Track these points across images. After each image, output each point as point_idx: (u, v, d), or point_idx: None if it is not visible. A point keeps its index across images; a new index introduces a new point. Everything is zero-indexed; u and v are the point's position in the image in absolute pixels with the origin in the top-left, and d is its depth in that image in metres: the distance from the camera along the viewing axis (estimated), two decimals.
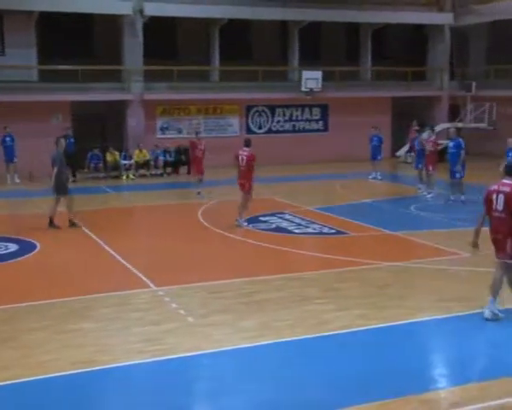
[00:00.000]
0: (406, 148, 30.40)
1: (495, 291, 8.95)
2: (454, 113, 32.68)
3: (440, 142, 29.88)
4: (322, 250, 13.59)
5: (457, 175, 17.98)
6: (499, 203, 8.85)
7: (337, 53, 32.63)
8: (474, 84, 31.25)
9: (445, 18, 32.84)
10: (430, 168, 19.77)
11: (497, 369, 7.51)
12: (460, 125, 31.26)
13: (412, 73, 32.48)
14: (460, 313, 9.22)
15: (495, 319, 8.86)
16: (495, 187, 8.99)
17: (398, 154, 31.23)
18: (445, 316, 9.16)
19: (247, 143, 15.67)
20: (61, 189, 15.38)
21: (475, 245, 9.47)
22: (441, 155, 22.10)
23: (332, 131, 31.12)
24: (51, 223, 15.34)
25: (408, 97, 31.88)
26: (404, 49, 33.54)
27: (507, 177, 9.03)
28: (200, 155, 20.88)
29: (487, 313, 8.88)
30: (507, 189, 8.81)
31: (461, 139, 18.74)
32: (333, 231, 15.12)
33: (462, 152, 18.04)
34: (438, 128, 30.63)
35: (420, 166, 20.74)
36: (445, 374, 7.51)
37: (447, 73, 33.51)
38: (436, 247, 13.42)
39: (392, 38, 33.89)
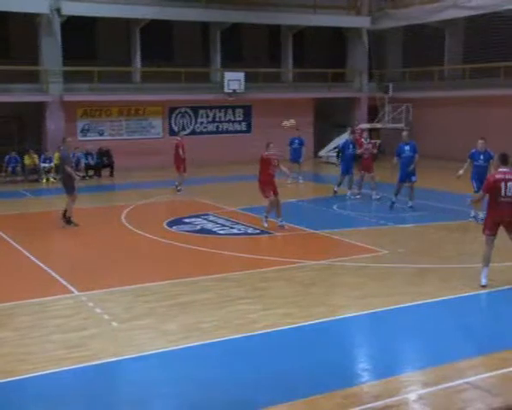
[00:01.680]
0: (331, 147, 31.02)
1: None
2: (373, 113, 33.50)
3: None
4: (247, 251, 13.64)
5: (413, 178, 17.60)
6: (509, 189, 10.05)
7: (259, 54, 32.90)
8: (391, 85, 32.15)
9: (362, 21, 33.64)
10: (371, 171, 19.83)
11: (416, 362, 7.77)
12: (379, 125, 32.10)
13: (333, 74, 33.11)
14: (380, 309, 9.45)
15: None
16: (500, 176, 10.15)
17: (320, 154, 31.74)
18: (366, 312, 9.37)
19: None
20: None
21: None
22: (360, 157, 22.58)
23: (255, 131, 31.31)
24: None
25: (329, 98, 32.50)
26: (324, 52, 34.17)
27: (503, 166, 10.26)
28: (180, 153, 21.49)
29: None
30: None
31: (414, 142, 18.81)
32: (257, 231, 15.20)
33: (417, 155, 17.72)
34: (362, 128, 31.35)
35: (351, 170, 20.17)
36: (368, 369, 7.67)
37: (366, 75, 34.33)
38: (358, 245, 13.71)
39: (313, 41, 34.43)
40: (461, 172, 15.52)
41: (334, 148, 29.31)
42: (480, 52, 29.22)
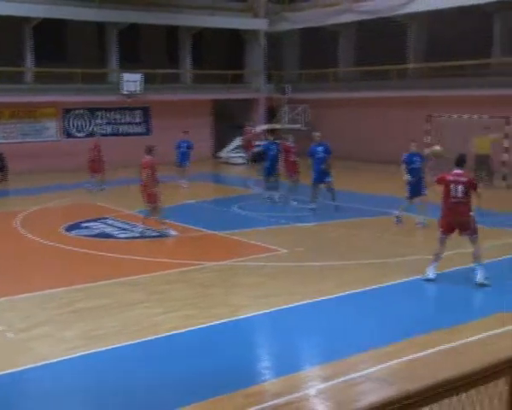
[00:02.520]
0: (231, 147, 31.21)
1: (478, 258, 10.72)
2: (272, 114, 33.98)
3: (258, 143, 31.00)
4: (147, 253, 13.49)
5: (328, 179, 17.66)
6: (458, 191, 10.48)
7: (158, 55, 32.61)
8: (288, 87, 32.72)
9: (259, 24, 34.04)
10: (294, 175, 19.55)
11: (315, 358, 7.96)
12: (277, 126, 32.58)
13: (231, 76, 33.31)
14: (280, 308, 9.60)
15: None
16: (451, 178, 10.57)
17: (220, 155, 31.85)
18: (267, 311, 9.48)
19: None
20: None
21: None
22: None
23: (155, 133, 30.98)
24: None
25: (228, 100, 32.67)
26: (223, 53, 34.33)
27: (457, 168, 10.65)
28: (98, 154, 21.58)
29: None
30: (464, 179, 10.56)
31: (327, 143, 19.03)
32: (156, 233, 15.07)
33: (330, 156, 17.82)
34: (257, 129, 31.73)
35: (275, 171, 19.70)
36: (269, 367, 7.78)
37: (264, 77, 34.77)
38: (258, 245, 13.86)
39: (212, 42, 34.51)
40: (405, 177, 15.44)
41: (253, 148, 29.54)
42: (373, 55, 30.27)
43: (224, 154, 31.68)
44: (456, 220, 10.67)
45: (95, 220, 16.55)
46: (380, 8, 29.27)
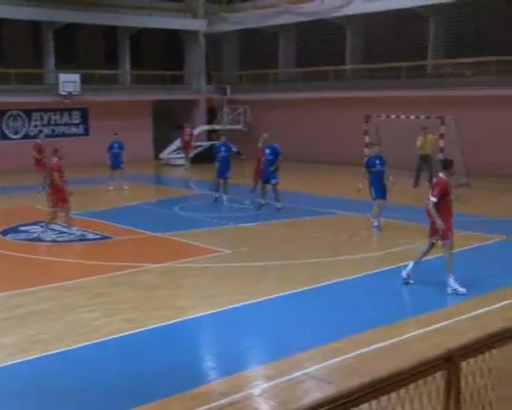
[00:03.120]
0: (172, 149, 31.08)
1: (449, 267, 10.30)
2: (212, 115, 33.97)
3: (201, 143, 31.04)
4: (88, 257, 13.32)
5: (273, 181, 17.68)
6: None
7: (95, 56, 32.17)
8: (228, 88, 32.78)
9: (198, 25, 34.00)
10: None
11: (259, 357, 8.04)
12: (218, 127, 32.61)
13: (171, 76, 33.15)
14: (225, 308, 9.65)
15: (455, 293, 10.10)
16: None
17: (161, 156, 31.65)
18: (211, 312, 9.51)
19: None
20: None
21: None
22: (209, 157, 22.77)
23: (93, 134, 30.55)
24: None
25: (169, 100, 32.50)
26: (162, 54, 34.13)
27: (443, 171, 10.32)
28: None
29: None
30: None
31: (276, 145, 19.09)
32: (98, 236, 14.89)
33: (280, 157, 17.83)
34: (197, 130, 31.72)
35: (226, 174, 19.44)
36: (214, 367, 7.82)
37: (204, 78, 34.73)
38: (201, 246, 13.86)
39: (151, 43, 34.27)
40: (360, 185, 15.56)
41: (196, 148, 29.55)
42: (312, 56, 30.67)
43: (164, 155, 31.49)
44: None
45: (33, 224, 16.20)
46: (318, 10, 29.66)
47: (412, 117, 23.43)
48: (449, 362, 3.71)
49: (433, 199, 10.09)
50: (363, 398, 3.31)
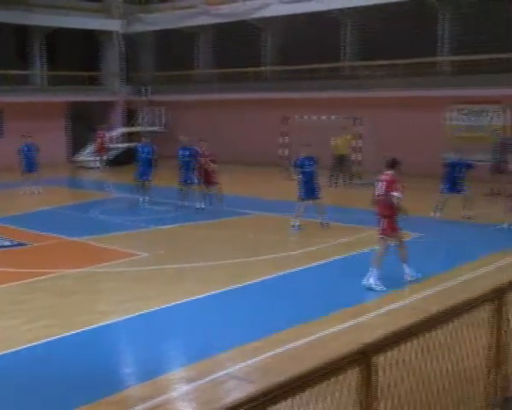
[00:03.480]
0: (88, 151, 30.50)
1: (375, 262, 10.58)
2: (131, 116, 33.57)
3: (118, 146, 30.64)
4: (3, 264, 12.87)
5: (196, 181, 17.63)
6: (380, 189, 10.65)
7: (7, 56, 31.14)
8: (147, 89, 32.47)
9: (115, 25, 33.53)
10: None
11: (180, 359, 8.04)
12: (136, 128, 32.28)
13: (88, 77, 32.53)
14: (144, 312, 9.58)
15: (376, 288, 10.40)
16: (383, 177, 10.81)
17: (77, 158, 30.98)
18: (130, 316, 9.42)
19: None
20: None
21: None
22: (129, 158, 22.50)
23: (8, 137, 29.57)
24: None
25: (85, 102, 31.88)
26: (79, 54, 33.40)
27: (387, 169, 10.83)
28: None
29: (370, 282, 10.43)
30: (385, 177, 10.71)
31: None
32: (13, 243, 14.44)
33: (200, 159, 17.83)
34: (115, 132, 31.29)
35: (147, 176, 19.41)
36: (134, 372, 7.76)
37: (122, 79, 34.25)
38: (119, 250, 13.69)
39: (67, 43, 33.47)
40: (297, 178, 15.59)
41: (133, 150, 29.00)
42: (231, 57, 30.81)
43: (80, 157, 30.83)
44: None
45: None
46: (235, 11, 29.83)
47: (330, 117, 23.90)
48: (363, 357, 3.85)
49: (397, 194, 10.52)
50: (280, 396, 3.40)
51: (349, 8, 27.11)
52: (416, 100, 24.92)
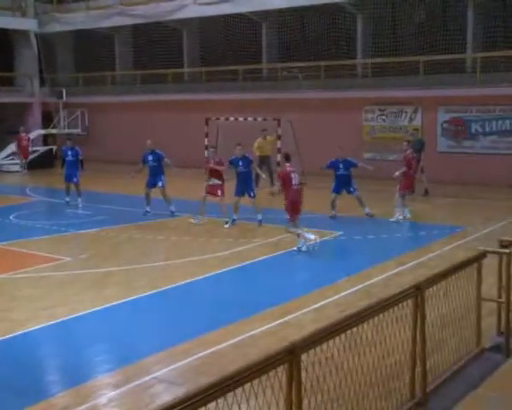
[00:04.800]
0: (5, 154, 29.60)
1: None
2: (48, 119, 32.70)
3: (37, 148, 29.86)
4: None
5: (160, 183, 17.42)
6: (297, 179, 13.06)
7: None
8: (64, 91, 31.71)
9: (29, 24, 32.53)
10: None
11: (104, 365, 7.89)
12: (54, 131, 31.50)
13: (1, 78, 31.45)
14: (65, 318, 9.36)
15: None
16: (289, 169, 13.13)
17: None
18: (51, 323, 9.17)
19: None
20: None
21: None
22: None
23: None
24: None
25: (1, 103, 30.84)
26: None
27: (287, 162, 13.27)
28: None
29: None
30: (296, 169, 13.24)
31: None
32: None
33: (165, 161, 17.78)
34: (33, 135, 30.45)
35: (74, 178, 19.16)
36: (55, 381, 7.56)
37: (37, 80, 33.33)
38: (40, 254, 13.32)
39: None
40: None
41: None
42: (150, 59, 30.54)
43: None
44: (300, 202, 13.11)
45: None
46: (151, 12, 29.59)
47: (250, 119, 24.05)
48: (291, 355, 3.89)
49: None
50: (210, 397, 3.39)
51: (263, 11, 27.35)
52: (334, 101, 25.43)
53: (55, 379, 7.63)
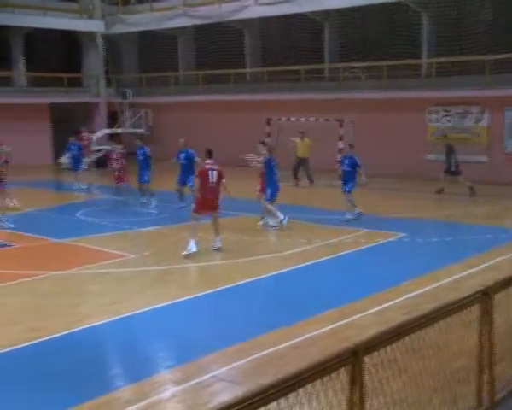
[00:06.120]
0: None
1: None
2: (113, 119, 33.36)
3: (102, 147, 30.44)
4: None
5: (190, 183, 17.81)
6: (213, 177, 12.95)
7: None
8: (129, 91, 32.29)
9: (96, 26, 33.28)
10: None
11: (166, 361, 7.98)
12: (119, 130, 32.08)
13: (69, 79, 32.28)
14: (128, 314, 9.50)
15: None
16: (208, 167, 13.10)
17: (60, 160, 30.69)
18: (115, 318, 9.34)
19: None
20: None
21: None
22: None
23: None
24: None
25: (67, 103, 31.63)
26: (59, 55, 33.16)
27: (208, 159, 13.25)
28: None
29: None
30: (216, 167, 13.14)
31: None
32: None
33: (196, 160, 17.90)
34: (99, 134, 31.07)
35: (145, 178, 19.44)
36: (119, 375, 7.69)
37: (103, 80, 34.06)
38: (104, 251, 13.60)
39: (47, 43, 33.23)
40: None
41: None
42: (213, 59, 30.76)
43: (64, 160, 30.57)
44: (212, 200, 13.06)
45: None
46: (214, 13, 29.78)
47: (311, 119, 23.96)
48: (354, 356, 3.83)
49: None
50: (272, 396, 3.37)
51: (326, 11, 27.16)
52: (397, 102, 25.04)
53: (118, 373, 7.76)
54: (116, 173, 19.83)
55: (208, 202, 13.04)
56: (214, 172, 13.06)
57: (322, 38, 28.66)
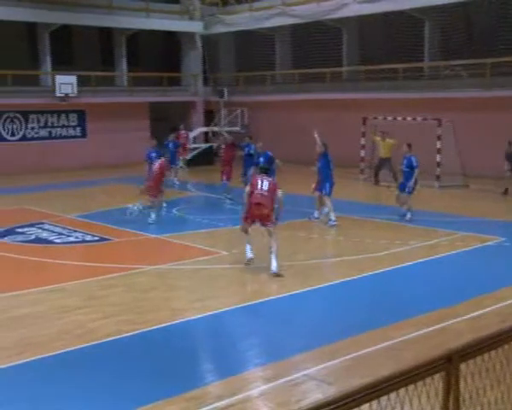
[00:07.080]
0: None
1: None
2: (209, 117, 33.92)
3: (198, 145, 31.00)
4: (85, 259, 13.28)
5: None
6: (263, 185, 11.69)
7: (92, 57, 32.13)
8: (226, 90, 32.71)
9: (195, 26, 33.95)
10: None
11: (256, 359, 7.99)
12: (216, 128, 32.57)
13: (168, 78, 33.09)
14: (220, 310, 9.60)
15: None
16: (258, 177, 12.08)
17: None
18: (206, 314, 9.45)
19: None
20: None
21: None
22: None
23: (90, 136, 30.50)
24: None
25: (165, 102, 32.44)
26: (159, 55, 34.07)
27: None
28: None
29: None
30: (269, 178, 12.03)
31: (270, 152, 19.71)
32: (96, 238, 14.83)
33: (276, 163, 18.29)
34: (195, 132, 31.69)
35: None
36: (210, 370, 7.78)
37: (201, 80, 34.69)
38: (197, 247, 13.81)
39: (148, 44, 34.22)
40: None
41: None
42: (309, 58, 30.65)
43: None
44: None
45: (31, 225, 16.14)
46: (311, 12, 29.65)
47: (409, 119, 23.44)
48: (449, 363, 3.68)
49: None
50: (364, 398, 3.28)
51: (428, 7, 26.46)
52: (500, 100, 24.08)
53: (209, 368, 7.85)
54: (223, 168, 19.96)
55: (255, 210, 11.75)
56: (265, 181, 11.80)
57: (422, 36, 27.97)
